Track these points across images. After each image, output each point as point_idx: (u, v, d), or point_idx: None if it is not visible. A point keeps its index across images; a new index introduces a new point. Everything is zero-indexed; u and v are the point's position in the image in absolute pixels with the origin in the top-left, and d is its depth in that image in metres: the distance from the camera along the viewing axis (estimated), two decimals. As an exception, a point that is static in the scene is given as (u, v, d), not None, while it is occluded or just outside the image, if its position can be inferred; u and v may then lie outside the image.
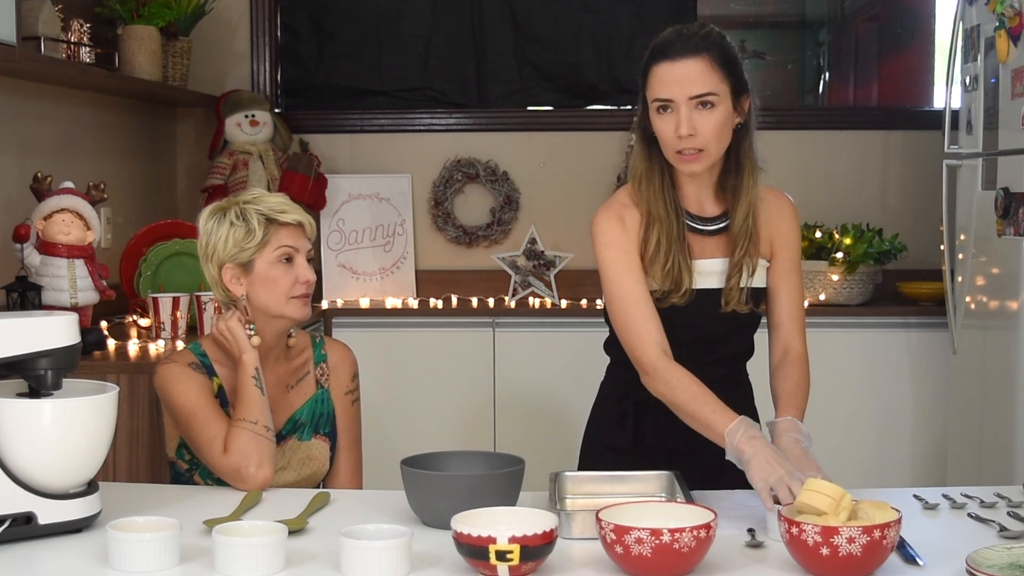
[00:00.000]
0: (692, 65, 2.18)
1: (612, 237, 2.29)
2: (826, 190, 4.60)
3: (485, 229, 4.67)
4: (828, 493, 1.75)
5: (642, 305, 2.25)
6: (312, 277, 2.32)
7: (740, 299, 2.30)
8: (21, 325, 1.90)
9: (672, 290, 2.26)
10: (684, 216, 2.30)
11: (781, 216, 2.37)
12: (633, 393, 2.35)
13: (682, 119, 2.18)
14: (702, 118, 2.19)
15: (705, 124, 2.19)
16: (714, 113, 2.19)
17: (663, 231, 2.26)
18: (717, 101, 2.19)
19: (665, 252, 2.25)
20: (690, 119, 2.18)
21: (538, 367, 4.24)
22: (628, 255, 2.27)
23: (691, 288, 2.27)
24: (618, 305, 2.27)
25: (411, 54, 4.76)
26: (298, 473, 2.36)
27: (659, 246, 2.26)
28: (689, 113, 2.18)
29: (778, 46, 5.39)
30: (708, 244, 2.32)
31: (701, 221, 2.32)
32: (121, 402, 2.04)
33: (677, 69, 2.19)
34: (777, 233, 2.36)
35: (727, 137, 2.25)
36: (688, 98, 2.18)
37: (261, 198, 2.32)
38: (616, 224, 2.29)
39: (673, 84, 2.19)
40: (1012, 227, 3.47)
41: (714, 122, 2.19)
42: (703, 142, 2.19)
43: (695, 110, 2.18)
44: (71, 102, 3.74)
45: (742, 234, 2.29)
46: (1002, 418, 3.55)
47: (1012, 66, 3.49)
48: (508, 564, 1.65)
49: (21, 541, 1.85)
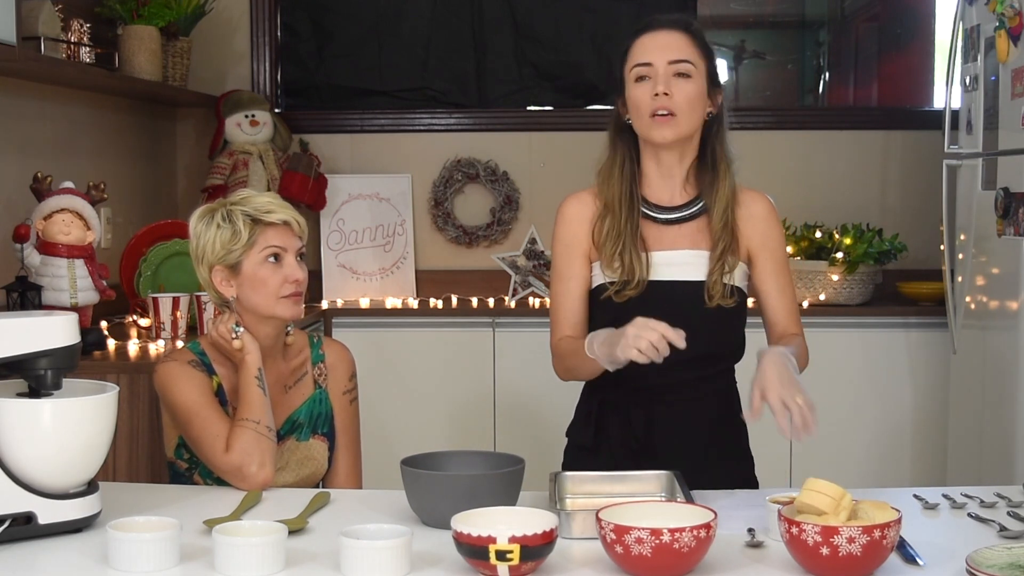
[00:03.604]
0: (674, 35, 2.31)
1: (559, 231, 2.40)
2: (826, 190, 4.60)
3: (485, 229, 4.67)
4: (828, 493, 1.75)
5: (559, 301, 2.38)
6: (301, 276, 2.31)
7: (724, 293, 2.31)
8: (21, 325, 1.90)
9: (627, 281, 2.30)
10: (640, 205, 2.34)
11: (757, 217, 2.37)
12: (598, 392, 2.40)
13: (659, 79, 2.28)
14: (678, 85, 2.28)
15: (680, 91, 2.28)
16: (690, 83, 2.29)
17: (615, 221, 2.33)
18: (694, 73, 2.29)
19: (614, 241, 2.32)
20: (667, 82, 2.27)
21: (538, 367, 4.20)
22: (568, 248, 2.38)
23: (645, 279, 2.30)
24: (550, 301, 2.43)
25: (411, 54, 4.76)
26: (297, 473, 2.36)
27: (609, 235, 2.33)
28: (667, 78, 2.28)
29: (778, 46, 5.39)
30: (669, 234, 2.34)
31: (662, 211, 2.35)
32: (121, 402, 2.04)
33: (660, 37, 2.31)
34: (754, 234, 2.36)
35: (699, 114, 2.31)
36: (668, 62, 2.28)
37: (248, 199, 2.32)
38: (566, 215, 2.40)
39: (655, 49, 2.30)
40: (1012, 227, 3.47)
41: (689, 91, 2.28)
42: (676, 106, 2.27)
43: (672, 78, 2.28)
44: (71, 102, 3.74)
45: (723, 228, 2.31)
46: (1002, 418, 3.55)
47: (1012, 66, 3.49)
48: (508, 564, 1.65)
49: (21, 541, 1.85)
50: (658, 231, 2.35)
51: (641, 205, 2.35)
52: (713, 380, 2.39)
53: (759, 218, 2.37)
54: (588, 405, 2.45)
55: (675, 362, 2.29)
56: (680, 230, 2.35)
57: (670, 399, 2.34)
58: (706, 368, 2.35)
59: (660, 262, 2.32)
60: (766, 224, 2.38)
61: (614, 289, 2.31)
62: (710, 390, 2.38)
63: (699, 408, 2.36)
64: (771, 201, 2.41)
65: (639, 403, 2.35)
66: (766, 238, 2.37)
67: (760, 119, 4.67)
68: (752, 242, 2.36)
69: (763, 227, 2.37)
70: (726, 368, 2.41)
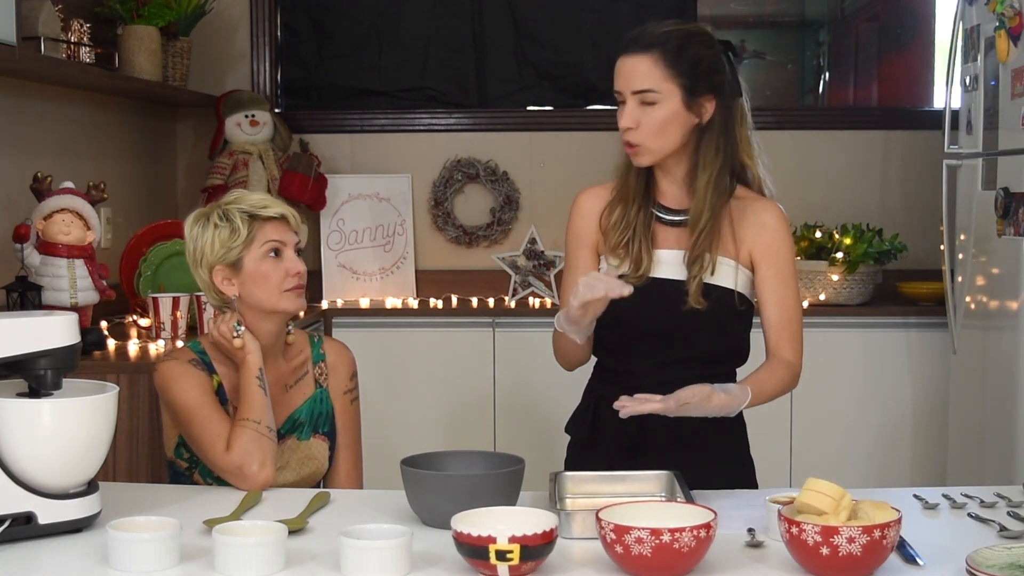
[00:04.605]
0: (638, 61, 2.27)
1: (571, 223, 2.44)
2: (826, 190, 4.60)
3: (485, 229, 4.67)
4: (828, 493, 1.75)
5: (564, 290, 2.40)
6: (302, 268, 2.32)
7: (698, 293, 2.29)
8: (21, 325, 1.90)
9: (630, 272, 2.31)
10: (652, 204, 2.35)
11: (763, 225, 2.35)
12: (598, 388, 2.42)
13: (625, 112, 2.28)
14: (644, 114, 2.26)
15: (648, 119, 2.26)
16: (655, 111, 2.26)
17: (625, 211, 2.34)
18: (659, 99, 2.26)
19: (622, 231, 2.33)
20: (633, 113, 2.26)
21: (538, 367, 4.23)
22: (577, 239, 2.42)
23: (649, 272, 2.31)
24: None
25: (411, 54, 4.76)
26: (297, 473, 2.36)
27: (617, 224, 2.34)
28: (634, 107, 2.27)
29: (778, 46, 5.39)
30: (670, 235, 2.35)
31: (666, 211, 2.36)
32: (121, 402, 2.04)
33: (627, 64, 2.28)
34: (759, 242, 2.35)
35: (673, 136, 2.28)
36: (631, 92, 2.26)
37: (242, 197, 2.33)
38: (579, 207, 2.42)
39: (620, 77, 2.29)
40: (1012, 227, 3.47)
41: (654, 119, 2.26)
42: (641, 138, 2.27)
43: (639, 107, 2.26)
44: (71, 102, 3.74)
45: (701, 231, 2.30)
46: (1002, 418, 3.55)
47: (1012, 66, 3.49)
48: (508, 564, 1.65)
49: (21, 541, 1.85)
50: (665, 231, 2.35)
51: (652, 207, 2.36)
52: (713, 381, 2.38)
53: (768, 228, 2.35)
54: (587, 400, 2.46)
55: (671, 361, 2.30)
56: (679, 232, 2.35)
57: None
58: (703, 370, 2.34)
59: (666, 260, 2.33)
60: (773, 235, 2.35)
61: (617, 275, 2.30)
62: None
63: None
64: (782, 211, 2.39)
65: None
66: (770, 248, 2.35)
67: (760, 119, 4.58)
68: (756, 250, 2.35)
69: (769, 237, 2.35)
70: (725, 371, 2.40)
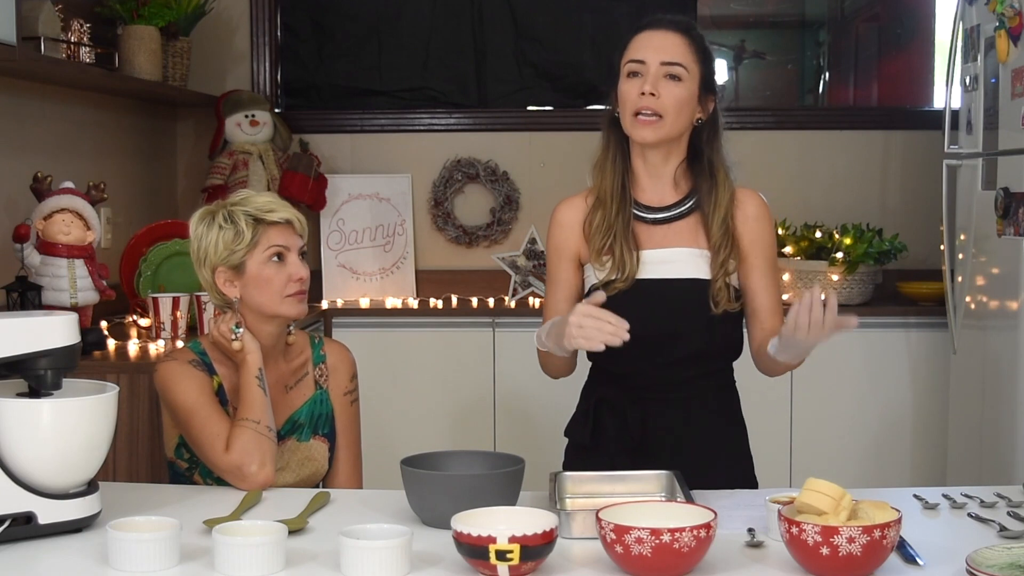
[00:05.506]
0: (671, 36, 2.31)
1: (550, 236, 2.43)
2: (826, 190, 4.60)
3: (485, 229, 4.67)
4: (828, 493, 1.75)
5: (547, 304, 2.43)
6: (305, 274, 2.32)
7: (729, 297, 2.31)
8: (21, 325, 1.90)
9: (617, 276, 2.31)
10: (631, 204, 2.35)
11: (750, 216, 2.37)
12: (597, 391, 2.42)
13: (649, 79, 2.28)
14: (667, 87, 2.28)
15: (669, 92, 2.28)
16: (678, 87, 2.28)
17: (605, 214, 2.34)
18: (685, 77, 2.29)
19: (603, 234, 2.33)
20: (656, 82, 2.27)
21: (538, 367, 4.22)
22: (557, 252, 2.41)
23: (635, 274, 2.31)
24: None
25: (411, 54, 4.76)
26: (297, 474, 2.36)
27: (599, 228, 2.34)
28: (658, 78, 2.28)
29: (778, 46, 5.39)
30: (659, 233, 2.35)
31: (650, 211, 2.35)
32: (121, 402, 2.04)
33: (657, 37, 2.31)
34: (745, 232, 2.36)
35: (686, 118, 2.31)
36: (660, 63, 2.28)
37: (248, 199, 2.32)
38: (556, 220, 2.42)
39: (649, 48, 2.30)
40: (1012, 227, 3.47)
41: (678, 94, 2.28)
42: (663, 107, 2.27)
43: (663, 79, 2.28)
44: (71, 102, 3.74)
45: (723, 236, 2.31)
46: (1002, 418, 3.55)
47: (1012, 66, 3.49)
48: (508, 564, 1.65)
49: (21, 541, 1.85)
50: (648, 230, 2.35)
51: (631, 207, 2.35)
52: (710, 378, 2.39)
53: (752, 217, 2.37)
54: (586, 403, 2.45)
55: (671, 361, 2.30)
56: (671, 228, 2.35)
57: (666, 397, 2.35)
58: (703, 366, 2.35)
59: (652, 260, 2.33)
60: (758, 223, 2.38)
61: (602, 282, 2.31)
62: (708, 388, 2.38)
63: (696, 407, 2.36)
64: (763, 199, 2.41)
65: (634, 401, 2.35)
66: (757, 236, 2.37)
67: (760, 119, 4.67)
68: (743, 240, 2.36)
69: (755, 226, 2.37)
70: (723, 367, 2.41)
